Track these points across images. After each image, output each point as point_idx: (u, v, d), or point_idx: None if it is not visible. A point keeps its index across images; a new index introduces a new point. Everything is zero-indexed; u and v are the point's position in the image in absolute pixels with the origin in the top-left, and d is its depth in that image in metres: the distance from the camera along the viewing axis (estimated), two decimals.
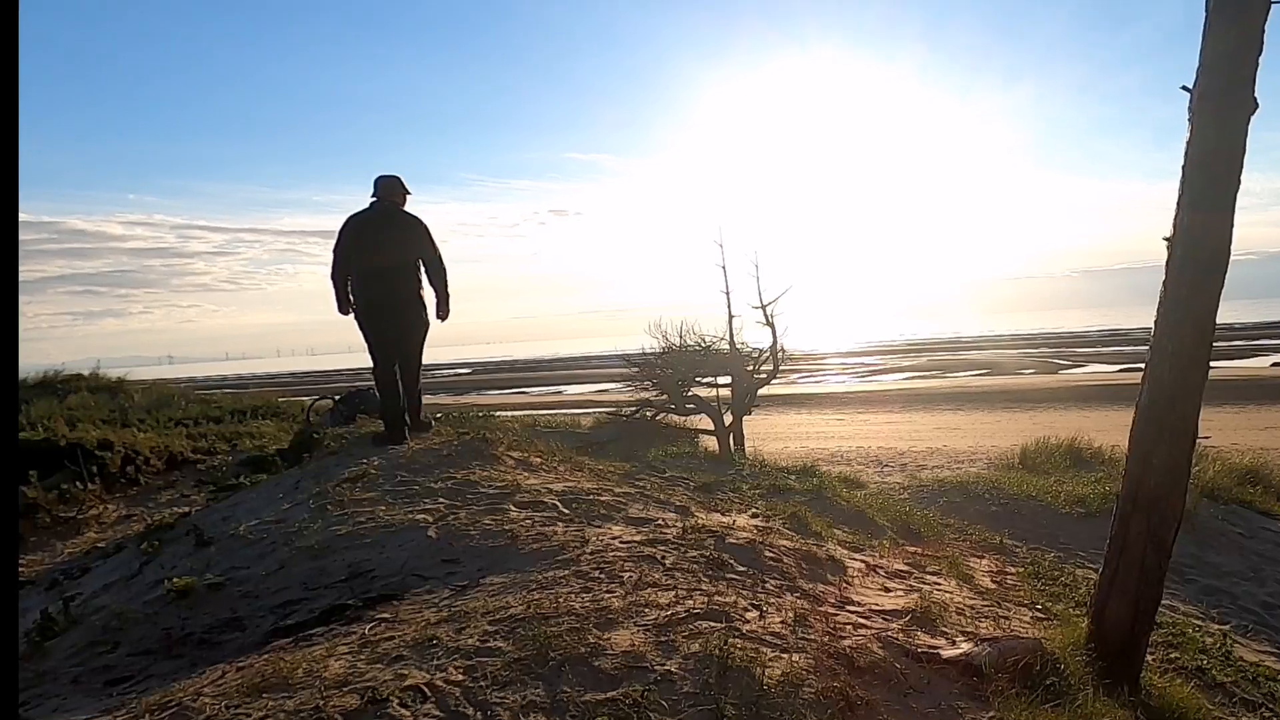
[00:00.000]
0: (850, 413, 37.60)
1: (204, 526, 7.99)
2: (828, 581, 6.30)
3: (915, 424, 31.86)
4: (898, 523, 10.13)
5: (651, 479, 10.02)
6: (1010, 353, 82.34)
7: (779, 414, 36.30)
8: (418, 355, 10.94)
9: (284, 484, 9.29)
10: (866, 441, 26.24)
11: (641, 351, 20.67)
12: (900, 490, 13.20)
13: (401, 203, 10.93)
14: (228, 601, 6.10)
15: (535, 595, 5.19)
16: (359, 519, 7.14)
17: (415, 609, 5.29)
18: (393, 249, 10.59)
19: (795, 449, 23.97)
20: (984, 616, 6.34)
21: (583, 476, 9.27)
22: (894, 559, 7.62)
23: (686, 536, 6.68)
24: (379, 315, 10.73)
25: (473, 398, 61.18)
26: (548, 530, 6.69)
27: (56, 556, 9.80)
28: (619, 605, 5.01)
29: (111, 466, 12.57)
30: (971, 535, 10.26)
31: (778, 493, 10.48)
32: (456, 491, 7.85)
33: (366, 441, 10.24)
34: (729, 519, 7.69)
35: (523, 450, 9.90)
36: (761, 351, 19.25)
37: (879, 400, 43.02)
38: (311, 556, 6.53)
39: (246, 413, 17.64)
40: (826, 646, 4.82)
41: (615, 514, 7.44)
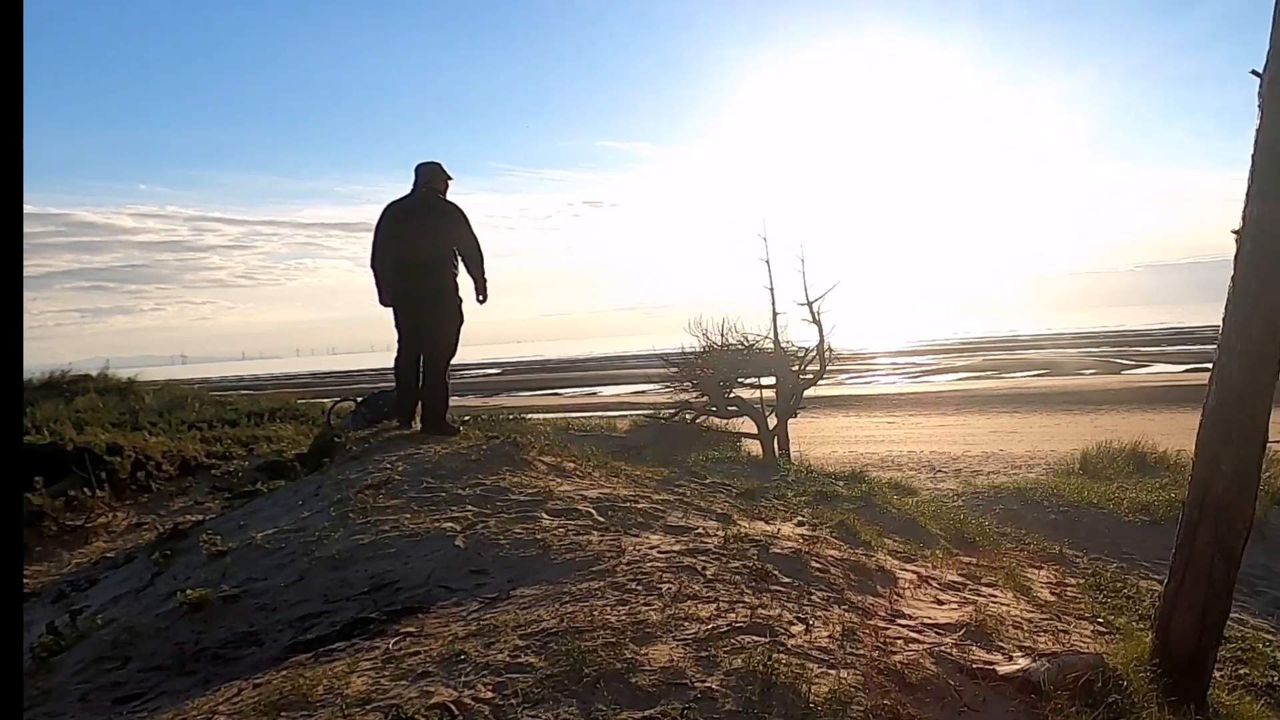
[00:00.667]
0: (901, 415, 37.47)
1: (219, 535, 8.01)
2: (877, 593, 6.25)
3: (970, 427, 31.72)
4: (951, 531, 10.08)
5: (691, 485, 10.00)
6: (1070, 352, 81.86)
7: (826, 416, 36.20)
8: (448, 350, 10.98)
9: (303, 490, 9.31)
10: (918, 446, 26.16)
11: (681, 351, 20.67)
12: (954, 497, 13.14)
13: (443, 190, 10.98)
14: (244, 614, 6.10)
15: (569, 608, 5.16)
16: (382, 527, 7.14)
17: (442, 622, 5.27)
18: (429, 238, 10.66)
19: (843, 453, 23.91)
20: (1042, 630, 6.28)
21: (619, 482, 9.25)
22: (947, 570, 7.56)
23: (728, 546, 6.65)
24: (413, 307, 10.80)
25: (502, 399, 61.36)
26: (582, 539, 6.67)
27: (63, 567, 9.84)
28: (657, 619, 4.98)
29: (121, 472, 12.58)
30: (1029, 545, 10.20)
31: (825, 499, 10.45)
32: (485, 498, 7.83)
33: (391, 445, 10.25)
34: (773, 527, 7.66)
35: (555, 455, 9.89)
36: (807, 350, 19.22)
37: (931, 402, 42.85)
38: (332, 567, 6.53)
39: (264, 415, 17.68)
40: (876, 662, 4.78)
41: (653, 522, 7.41)
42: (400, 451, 9.77)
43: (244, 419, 17.18)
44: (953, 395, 46.41)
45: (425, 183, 10.91)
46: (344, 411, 14.79)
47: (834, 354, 19.62)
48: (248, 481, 12.01)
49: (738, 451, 16.77)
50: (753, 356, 19.52)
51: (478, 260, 10.83)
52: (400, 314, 10.95)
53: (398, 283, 10.80)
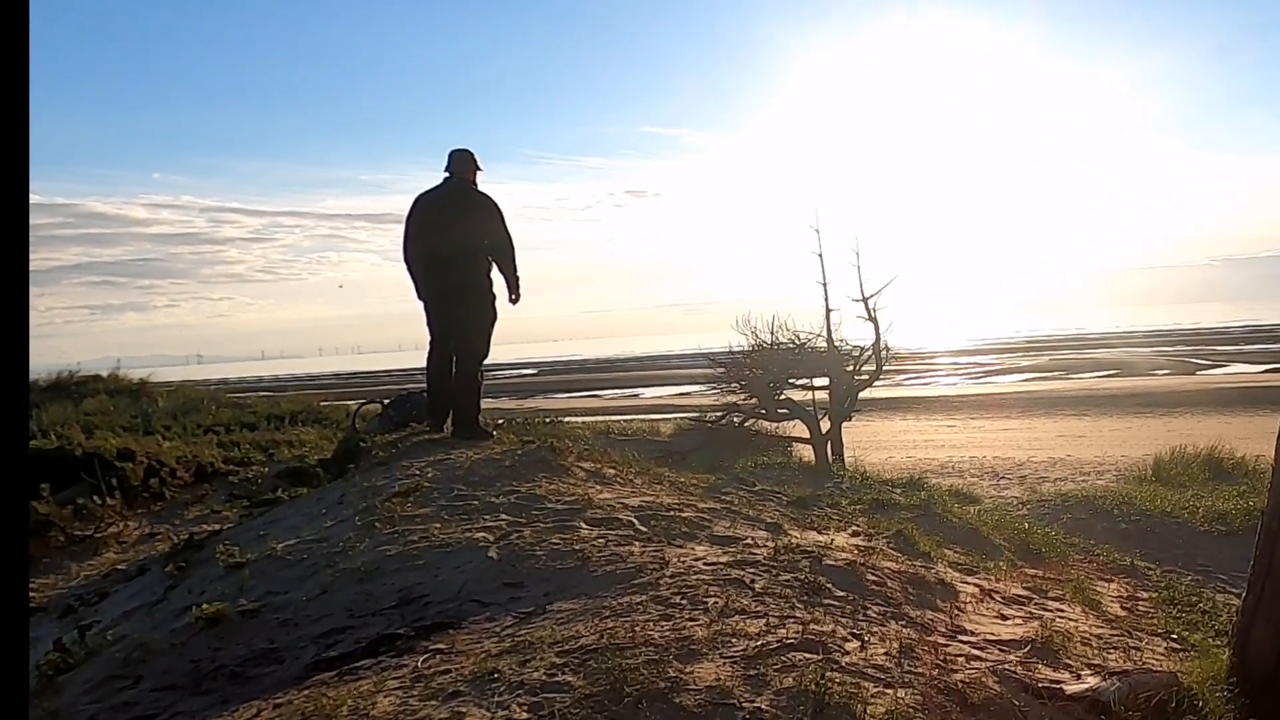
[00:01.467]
0: (962, 418, 37.30)
1: (237, 546, 8.02)
2: (937, 608, 6.22)
3: (1035, 431, 31.54)
4: (1015, 542, 10.02)
5: (739, 493, 9.97)
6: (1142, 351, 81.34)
7: (882, 420, 36.09)
8: (480, 350, 10.99)
9: (326, 498, 9.33)
10: (981, 451, 26.01)
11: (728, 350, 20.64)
12: (1018, 505, 13.08)
13: (473, 180, 11.00)
14: (264, 630, 6.10)
15: (609, 623, 5.15)
16: (411, 538, 7.14)
17: (474, 639, 5.27)
18: (460, 230, 10.67)
19: (900, 459, 23.82)
20: (1112, 647, 6.23)
21: (662, 490, 9.24)
22: (1011, 583, 7.51)
23: (779, 557, 6.62)
24: (443, 303, 10.82)
25: (538, 401, 61.41)
26: (623, 550, 6.65)
27: (71, 580, 9.89)
28: (703, 635, 4.96)
29: (133, 479, 12.66)
30: (1098, 556, 10.13)
31: (881, 508, 10.42)
32: (520, 507, 7.83)
33: (420, 449, 10.26)
34: (826, 538, 7.62)
35: (594, 460, 9.89)
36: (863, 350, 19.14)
37: (995, 404, 42.62)
38: (358, 580, 6.53)
39: (284, 418, 17.76)
40: (935, 681, 4.74)
41: (698, 532, 7.38)
42: (430, 457, 9.79)
43: (263, 422, 17.26)
44: (1017, 397, 46.17)
45: (457, 171, 10.93)
46: (370, 414, 14.85)
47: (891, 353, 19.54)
48: (267, 489, 12.06)
49: (788, 457, 16.76)
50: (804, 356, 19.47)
51: (509, 256, 10.84)
52: (430, 310, 10.97)
53: (428, 276, 10.83)
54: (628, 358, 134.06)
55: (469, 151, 11.03)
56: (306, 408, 19.35)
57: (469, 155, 11.02)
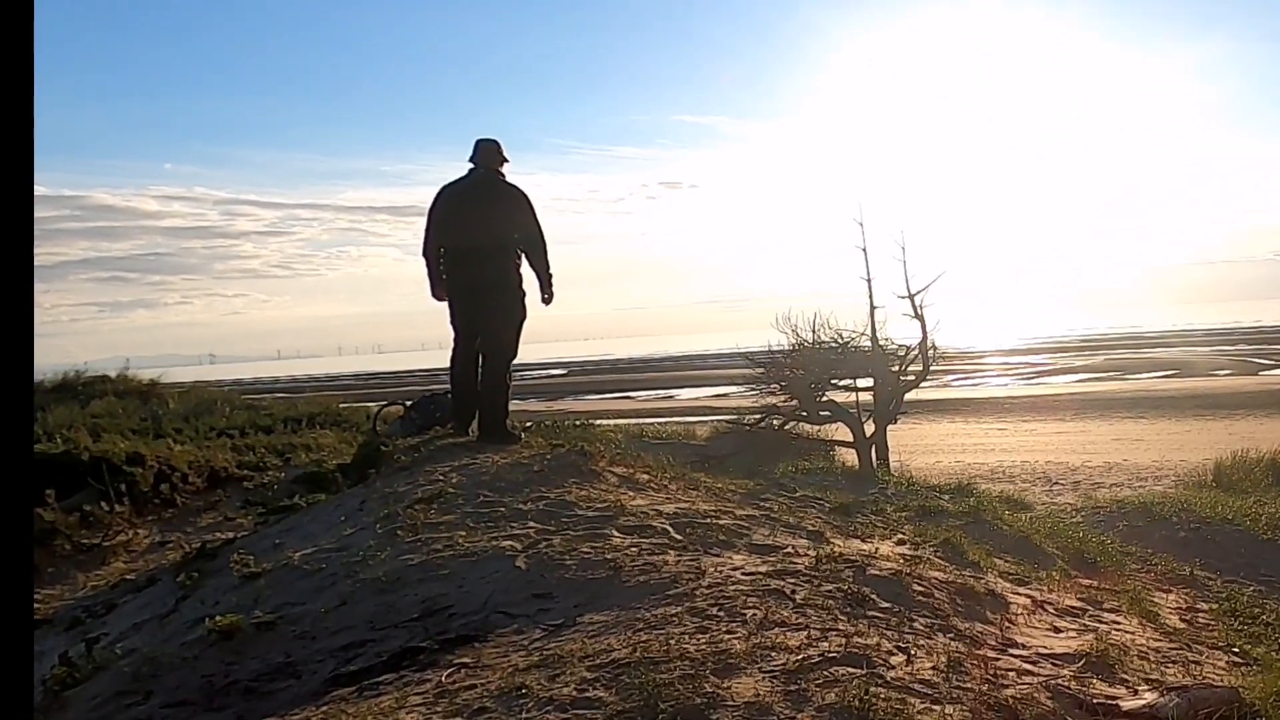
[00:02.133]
0: (1013, 421, 37.16)
1: (252, 555, 8.03)
2: (987, 620, 6.19)
3: (1090, 434, 31.41)
4: (1069, 551, 9.98)
5: (779, 499, 9.96)
6: (1201, 350, 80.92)
7: (929, 422, 35.99)
8: (509, 349, 10.99)
9: (346, 505, 9.36)
10: (1032, 455, 25.94)
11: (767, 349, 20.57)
12: (1072, 512, 13.03)
13: (500, 170, 11.00)
14: (280, 643, 6.11)
15: (642, 636, 5.14)
16: (434, 546, 7.16)
17: (500, 652, 5.27)
18: (488, 224, 10.67)
19: (948, 463, 23.78)
20: (1171, 661, 6.19)
21: (698, 496, 9.23)
22: (1065, 593, 7.47)
23: (820, 567, 6.60)
24: (470, 299, 10.82)
25: (568, 403, 61.40)
26: (657, 560, 6.65)
27: (78, 590, 9.92)
28: (741, 648, 4.94)
29: (143, 484, 12.65)
30: (1156, 565, 10.09)
31: (928, 515, 10.39)
32: (549, 514, 7.84)
33: (444, 454, 10.26)
34: (870, 546, 7.61)
35: (627, 465, 9.88)
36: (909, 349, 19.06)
37: (1047, 406, 42.46)
38: (378, 590, 6.55)
39: (302, 421, 17.77)
40: (985, 696, 4.72)
41: (736, 540, 7.37)
42: (454, 461, 9.80)
43: (280, 425, 17.27)
44: (1071, 399, 45.97)
45: (483, 162, 10.92)
46: (391, 417, 14.85)
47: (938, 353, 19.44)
48: (284, 495, 12.07)
49: (831, 461, 16.70)
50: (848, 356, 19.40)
51: (540, 251, 10.83)
52: (456, 307, 10.98)
53: (454, 272, 10.84)
54: (662, 357, 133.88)
55: (496, 141, 11.03)
56: (325, 410, 19.37)
57: (496, 145, 11.01)
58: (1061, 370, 69.15)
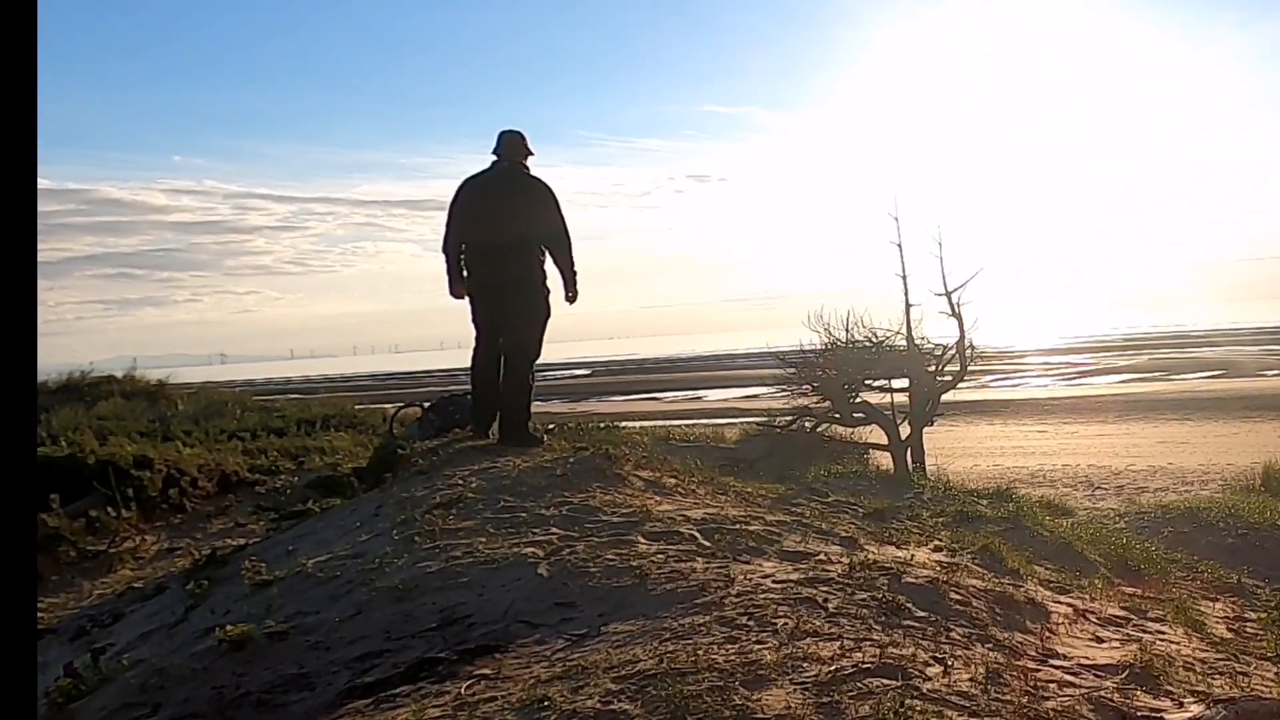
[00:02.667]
0: (1054, 423, 37.06)
1: (264, 562, 8.03)
2: (1026, 629, 6.16)
3: (1134, 437, 31.32)
4: (1112, 558, 9.94)
5: (811, 504, 9.95)
6: (1250, 350, 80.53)
7: (967, 424, 35.93)
8: (532, 348, 10.98)
9: (361, 510, 9.36)
10: (1074, 458, 25.88)
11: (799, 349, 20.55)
12: (1115, 518, 12.99)
13: (524, 163, 10.98)
14: (293, 654, 6.11)
15: (669, 646, 5.13)
16: (453, 553, 7.14)
17: (522, 663, 5.26)
18: (511, 218, 10.66)
19: (987, 467, 23.74)
20: (1218, 672, 6.14)
21: (727, 501, 9.22)
22: (1108, 602, 7.44)
23: (854, 574, 6.58)
24: (491, 297, 10.81)
25: (592, 405, 61.43)
26: (684, 567, 6.64)
27: (84, 599, 9.94)
28: (771, 659, 4.92)
29: (150, 489, 12.69)
30: (1203, 573, 10.04)
31: (966, 521, 10.36)
32: (573, 519, 7.83)
33: (464, 457, 10.26)
34: (906, 553, 7.58)
35: (653, 469, 9.87)
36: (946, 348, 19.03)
37: (1089, 408, 42.34)
38: (395, 599, 6.53)
39: (316, 423, 17.83)
40: (1025, 709, 4.70)
41: (767, 547, 7.35)
42: (474, 465, 9.80)
43: (293, 427, 17.33)
44: (1114, 400, 45.82)
45: (507, 154, 10.90)
46: (409, 419, 14.88)
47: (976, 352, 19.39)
48: (297, 500, 12.10)
49: (865, 465, 16.70)
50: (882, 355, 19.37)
51: (565, 248, 10.81)
52: (477, 305, 10.96)
53: (475, 269, 10.83)
54: (689, 357, 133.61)
55: (520, 133, 11.01)
56: (340, 411, 19.42)
57: (520, 137, 10.99)
58: (1104, 370, 68.94)
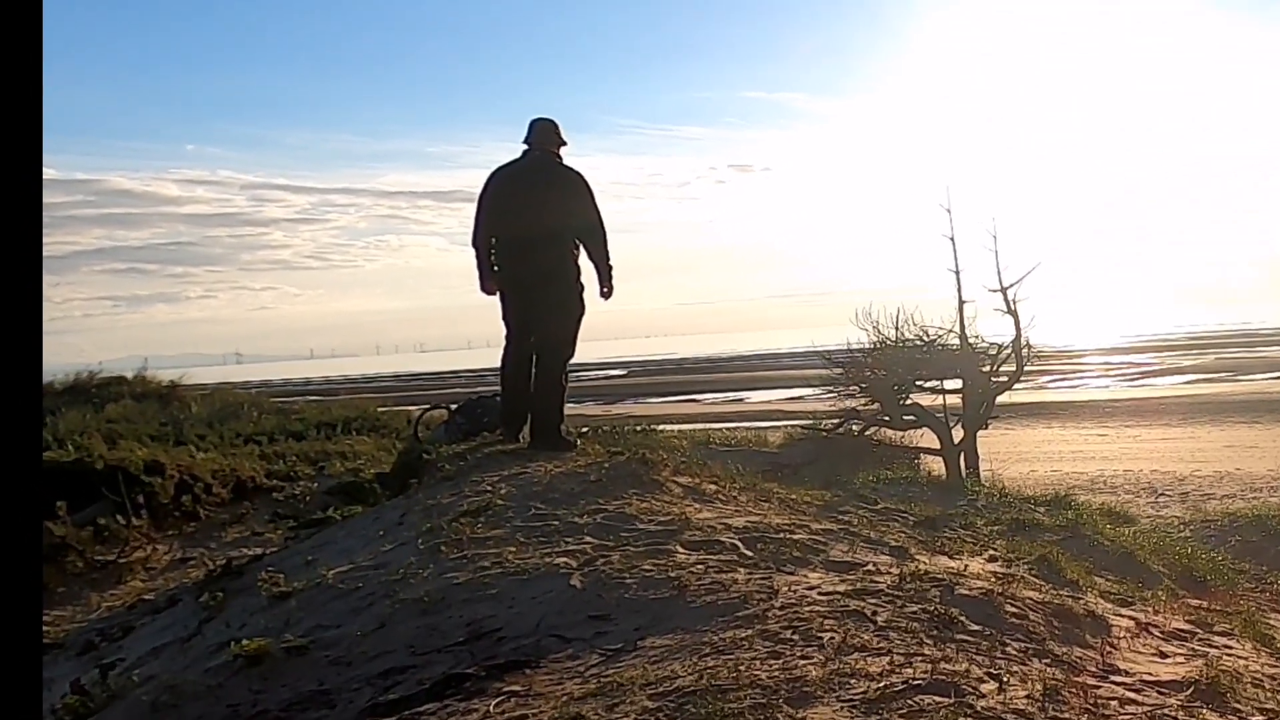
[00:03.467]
0: (1115, 426, 36.94)
1: (282, 573, 8.04)
2: (1086, 644, 6.13)
3: (1199, 441, 31.19)
4: (1176, 568, 9.91)
5: (859, 512, 9.91)
6: None
7: (1023, 427, 35.84)
8: (565, 347, 10.96)
9: (385, 518, 9.38)
10: (1136, 463, 25.80)
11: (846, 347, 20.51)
12: (1180, 526, 12.96)
13: (557, 153, 10.97)
14: (312, 670, 6.12)
15: (709, 662, 5.12)
16: (482, 564, 7.15)
17: (554, 679, 5.25)
18: (544, 210, 10.65)
19: (1044, 473, 23.68)
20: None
21: (770, 509, 9.20)
22: (1172, 615, 7.40)
23: (904, 586, 6.56)
24: (523, 293, 10.79)
25: (628, 407, 61.46)
26: (725, 578, 6.62)
27: (92, 612, 9.97)
28: (817, 675, 4.91)
29: (162, 496, 12.69)
30: (1272, 584, 10.02)
31: (1022, 529, 10.33)
32: (607, 528, 7.83)
33: (493, 462, 10.25)
34: (959, 563, 7.55)
35: (693, 475, 9.86)
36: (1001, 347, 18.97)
37: (1152, 410, 42.18)
38: (420, 612, 6.54)
39: (336, 426, 17.88)
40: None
41: (812, 557, 7.34)
42: (504, 470, 9.80)
43: (312, 431, 17.36)
44: (1178, 402, 45.65)
45: (538, 143, 10.88)
46: (434, 422, 14.87)
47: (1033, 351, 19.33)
48: (317, 507, 12.14)
49: (915, 471, 16.66)
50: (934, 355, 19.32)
51: (600, 240, 10.79)
52: (508, 301, 10.94)
53: (506, 263, 10.81)
54: (731, 357, 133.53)
55: (552, 121, 10.99)
56: (361, 414, 19.46)
57: (552, 125, 10.97)
58: (1168, 371, 68.67)
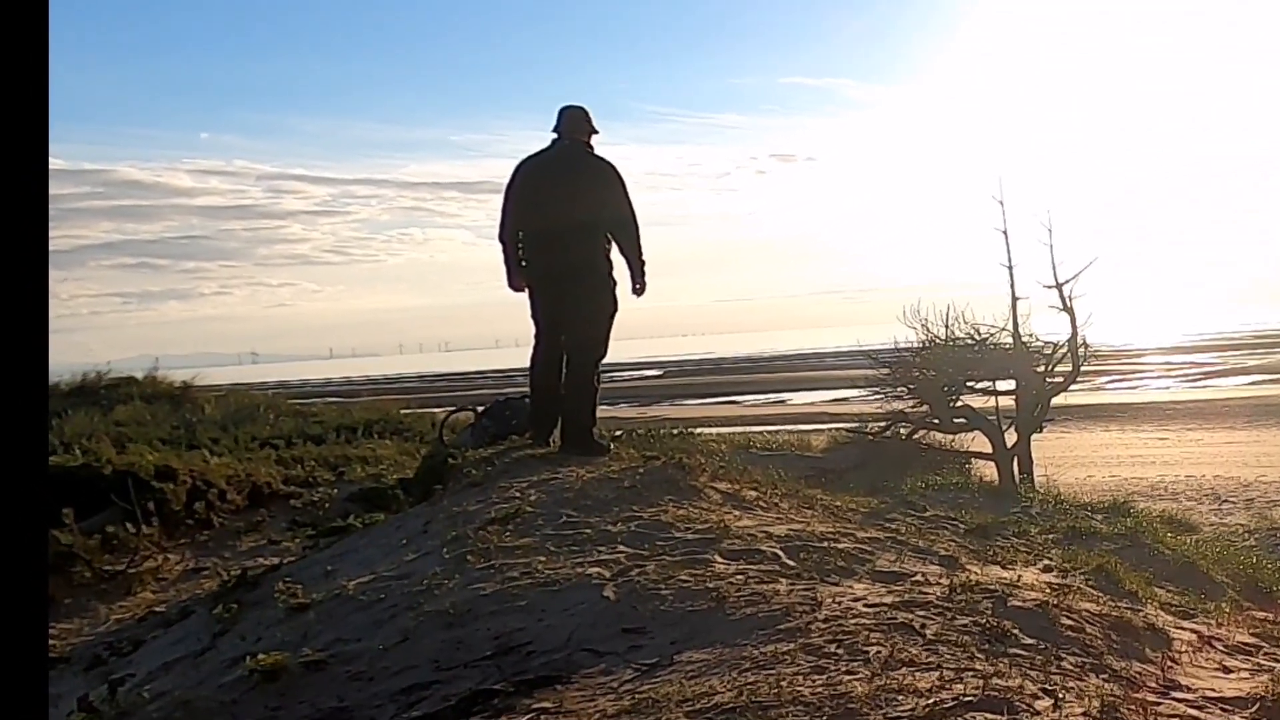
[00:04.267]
0: (1176, 429, 36.82)
1: (300, 583, 8.04)
2: (1146, 658, 6.11)
3: (1265, 445, 31.04)
4: (1241, 579, 9.86)
5: (907, 520, 9.91)
6: None
7: (1080, 430, 35.75)
8: (597, 346, 10.93)
9: (408, 526, 9.39)
10: (1198, 468, 25.71)
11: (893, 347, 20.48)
12: (1244, 534, 12.93)
13: (588, 142, 10.94)
14: (332, 686, 6.12)
15: (749, 677, 5.11)
16: (510, 574, 7.13)
17: (586, 696, 5.25)
18: (574, 202, 10.63)
19: (1102, 478, 23.61)
20: None
21: (813, 516, 9.19)
22: (1236, 628, 7.36)
23: (954, 597, 6.54)
24: (553, 289, 10.78)
25: (664, 409, 61.44)
26: (766, 589, 6.61)
27: (100, 624, 9.98)
28: (863, 691, 4.89)
29: (174, 503, 12.68)
30: None
31: (1078, 538, 10.31)
32: (642, 536, 7.82)
33: (522, 467, 10.24)
34: (1012, 574, 7.53)
35: (732, 480, 9.85)
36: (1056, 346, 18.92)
37: (1215, 413, 42.00)
38: (446, 625, 6.54)
39: (357, 430, 17.91)
40: None
41: (858, 567, 7.32)
42: (533, 476, 9.79)
43: (332, 434, 17.38)
44: (1243, 404, 45.46)
45: (568, 132, 10.86)
46: (460, 425, 14.88)
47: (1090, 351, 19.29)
48: (336, 515, 12.14)
49: (966, 476, 16.63)
50: (986, 354, 19.29)
51: (633, 234, 10.77)
52: (537, 298, 10.92)
53: (534, 258, 10.80)
54: (772, 356, 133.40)
55: (583, 109, 10.96)
56: (384, 417, 19.49)
57: (583, 113, 10.95)
58: (1232, 371, 68.41)
